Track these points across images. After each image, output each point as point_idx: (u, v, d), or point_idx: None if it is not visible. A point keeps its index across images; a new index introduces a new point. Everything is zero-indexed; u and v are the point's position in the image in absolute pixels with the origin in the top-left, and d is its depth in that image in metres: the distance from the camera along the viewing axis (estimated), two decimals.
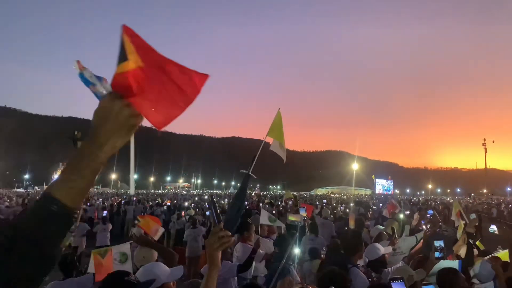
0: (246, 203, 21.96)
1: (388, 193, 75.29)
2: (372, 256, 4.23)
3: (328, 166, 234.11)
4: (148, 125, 0.99)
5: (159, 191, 79.70)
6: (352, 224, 8.15)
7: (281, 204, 19.11)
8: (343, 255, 3.55)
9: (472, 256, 4.40)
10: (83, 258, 8.70)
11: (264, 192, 65.21)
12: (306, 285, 2.34)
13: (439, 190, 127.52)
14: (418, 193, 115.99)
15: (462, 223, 5.27)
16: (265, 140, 3.65)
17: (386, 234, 5.91)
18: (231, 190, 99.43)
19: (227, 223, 2.41)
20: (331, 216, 12.14)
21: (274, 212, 14.12)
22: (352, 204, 19.99)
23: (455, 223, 5.91)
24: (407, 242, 5.36)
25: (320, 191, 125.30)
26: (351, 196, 45.85)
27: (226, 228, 1.62)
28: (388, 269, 3.90)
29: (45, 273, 0.78)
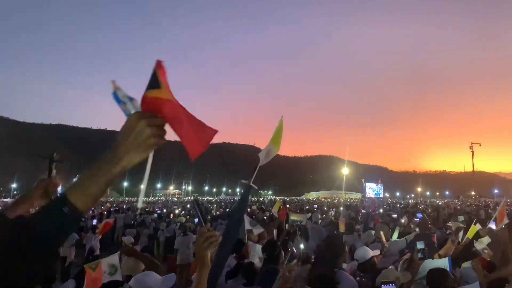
0: None
1: (378, 197, 75.66)
2: (361, 258, 4.31)
3: (319, 170, 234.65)
4: None
5: (150, 199, 78.89)
6: (342, 228, 8.16)
7: (272, 209, 19.09)
8: (329, 259, 3.61)
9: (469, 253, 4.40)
10: (72, 268, 8.54)
11: (255, 197, 64.97)
12: None
13: (428, 193, 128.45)
14: (408, 196, 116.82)
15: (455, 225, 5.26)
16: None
17: (377, 239, 5.98)
18: (222, 197, 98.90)
19: (227, 235, 2.38)
20: (320, 220, 12.16)
21: (265, 217, 14.13)
22: (342, 208, 20.04)
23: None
24: (397, 245, 5.45)
25: (311, 195, 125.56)
26: (342, 200, 45.96)
27: (225, 239, 1.64)
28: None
29: (48, 268, 0.83)
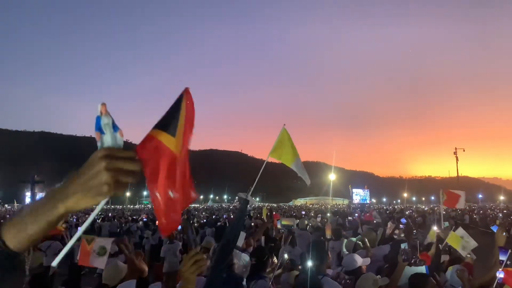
0: (225, 216, 21.65)
1: (365, 202, 76.12)
2: (349, 266, 4.30)
3: None
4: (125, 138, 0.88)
5: (136, 206, 77.88)
6: (329, 234, 8.19)
7: (260, 216, 19.12)
8: (313, 265, 3.64)
9: (439, 261, 4.52)
10: (56, 278, 8.37)
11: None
12: None
13: (414, 199, 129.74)
14: (394, 201, 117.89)
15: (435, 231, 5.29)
16: (267, 160, 3.43)
17: (361, 244, 6.02)
18: (209, 203, 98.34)
19: (221, 253, 2.32)
20: (308, 226, 12.21)
21: (252, 224, 14.10)
22: (329, 214, 20.13)
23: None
24: (381, 250, 5.51)
25: (299, 201, 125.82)
26: (329, 206, 46.15)
27: (219, 258, 1.62)
28: None
29: None
